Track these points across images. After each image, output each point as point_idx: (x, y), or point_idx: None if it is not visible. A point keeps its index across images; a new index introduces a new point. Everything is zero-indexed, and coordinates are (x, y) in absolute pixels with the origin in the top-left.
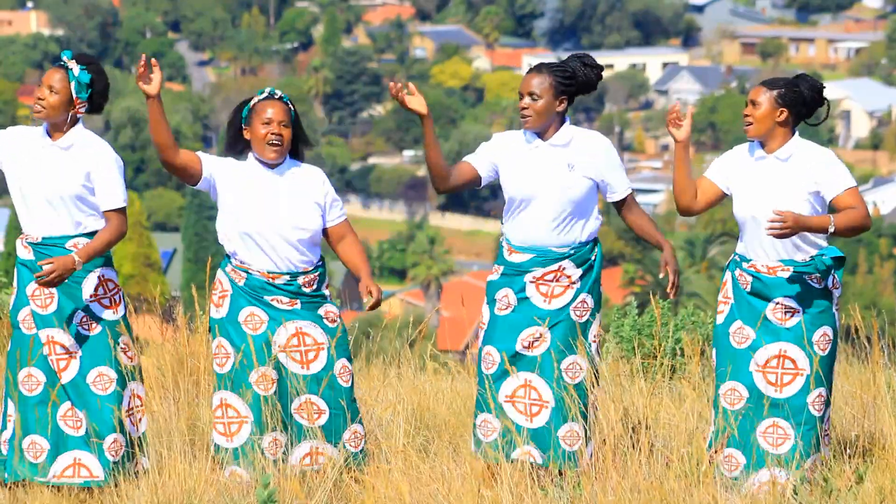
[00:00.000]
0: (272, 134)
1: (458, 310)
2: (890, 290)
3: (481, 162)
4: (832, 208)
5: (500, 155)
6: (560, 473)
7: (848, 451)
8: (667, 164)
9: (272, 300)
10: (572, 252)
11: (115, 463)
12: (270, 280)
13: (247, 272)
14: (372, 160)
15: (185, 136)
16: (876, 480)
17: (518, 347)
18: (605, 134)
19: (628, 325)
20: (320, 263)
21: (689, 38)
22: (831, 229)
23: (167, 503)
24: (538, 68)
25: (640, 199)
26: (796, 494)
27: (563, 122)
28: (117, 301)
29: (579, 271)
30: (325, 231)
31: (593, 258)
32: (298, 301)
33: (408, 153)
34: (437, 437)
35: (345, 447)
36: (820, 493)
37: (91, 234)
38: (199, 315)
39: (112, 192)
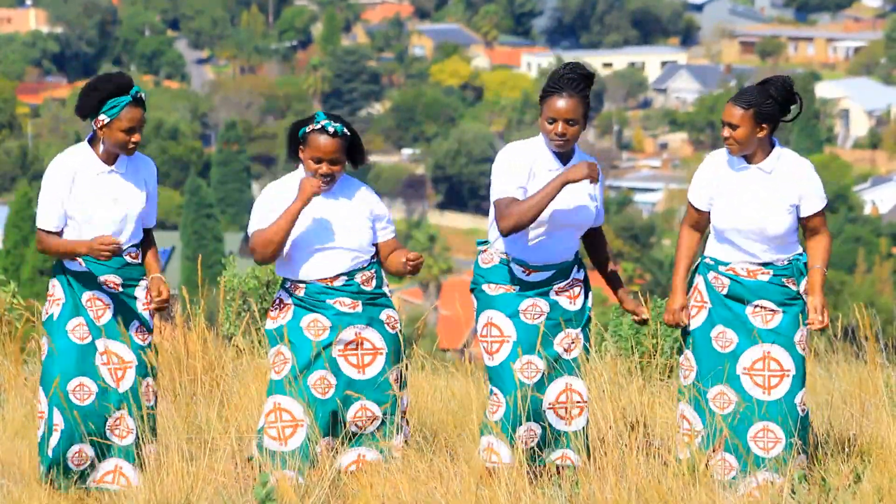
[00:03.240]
0: (320, 174)
1: (456, 308)
2: (889, 290)
3: (518, 189)
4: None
5: (526, 181)
6: (557, 472)
7: (846, 450)
8: (665, 163)
9: (335, 303)
10: (574, 258)
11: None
12: (329, 284)
13: (305, 283)
14: (371, 158)
15: (184, 134)
16: (874, 480)
17: (559, 352)
18: (603, 132)
19: (627, 324)
20: (374, 260)
21: (688, 37)
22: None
23: (165, 502)
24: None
25: (638, 197)
26: (794, 494)
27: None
28: (153, 311)
29: (582, 272)
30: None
31: (580, 260)
32: (360, 302)
33: (406, 151)
34: (434, 436)
35: (390, 454)
36: (818, 492)
37: (137, 245)
38: (197, 313)
39: (153, 211)
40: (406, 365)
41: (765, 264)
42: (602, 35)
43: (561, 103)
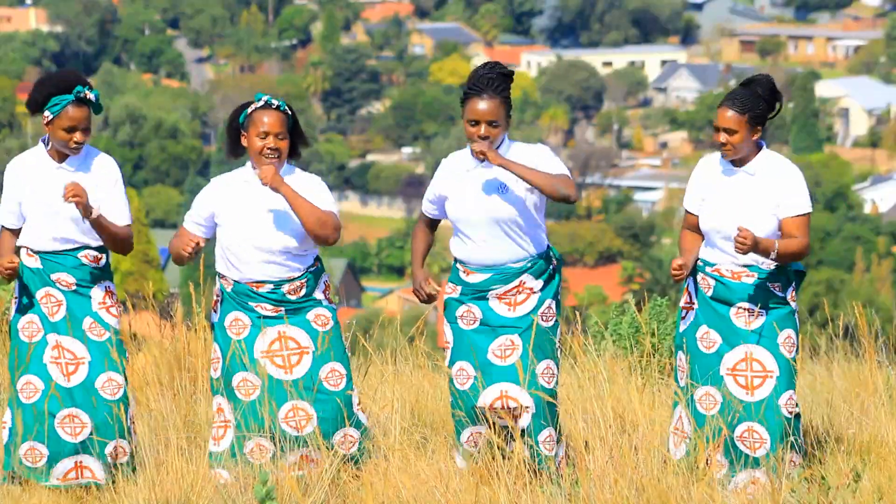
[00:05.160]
0: (268, 148)
1: None
2: (887, 289)
3: (432, 208)
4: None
5: (443, 186)
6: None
7: (846, 448)
8: (665, 162)
9: (256, 307)
10: (529, 265)
11: (114, 466)
12: (255, 288)
13: (234, 280)
14: (370, 157)
15: (184, 133)
16: (873, 478)
17: (490, 358)
18: (603, 131)
19: (626, 323)
20: (313, 268)
21: (688, 35)
22: (773, 255)
23: (165, 501)
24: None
25: (638, 196)
26: (794, 492)
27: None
28: (119, 311)
29: (540, 282)
30: None
31: (552, 267)
32: (283, 308)
33: (406, 150)
34: (434, 435)
35: (336, 450)
36: (817, 490)
37: (98, 248)
38: (197, 312)
39: (120, 211)
40: (344, 360)
41: (749, 266)
42: (602, 34)
43: (482, 105)
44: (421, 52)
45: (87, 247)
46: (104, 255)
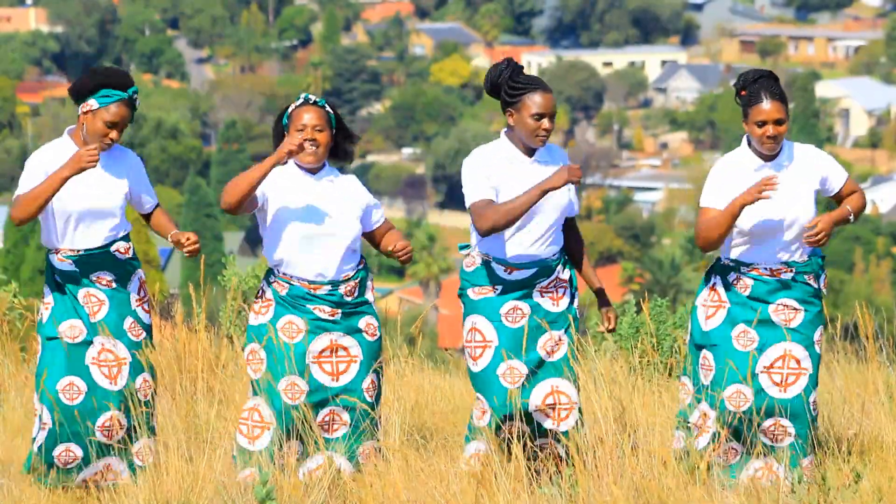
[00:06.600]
0: (307, 139)
1: (456, 307)
2: (887, 289)
3: (491, 191)
4: (835, 197)
5: (496, 178)
6: (557, 471)
7: (845, 449)
8: (665, 162)
9: (315, 309)
10: (559, 257)
11: (140, 467)
12: (312, 290)
13: (289, 283)
14: (371, 158)
15: (184, 133)
16: (873, 479)
17: (542, 355)
18: (603, 132)
19: (626, 324)
20: (361, 267)
21: (688, 36)
22: (852, 218)
23: (165, 500)
24: None
25: (638, 197)
26: (794, 492)
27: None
28: (151, 305)
29: (567, 272)
30: (367, 235)
31: (565, 259)
32: (340, 311)
33: (406, 151)
34: (434, 436)
35: (357, 461)
36: (817, 491)
37: (125, 238)
38: (197, 312)
39: (153, 194)
40: (382, 371)
41: (787, 262)
42: (602, 34)
43: (546, 99)
44: (421, 52)
45: (116, 239)
46: (130, 245)
